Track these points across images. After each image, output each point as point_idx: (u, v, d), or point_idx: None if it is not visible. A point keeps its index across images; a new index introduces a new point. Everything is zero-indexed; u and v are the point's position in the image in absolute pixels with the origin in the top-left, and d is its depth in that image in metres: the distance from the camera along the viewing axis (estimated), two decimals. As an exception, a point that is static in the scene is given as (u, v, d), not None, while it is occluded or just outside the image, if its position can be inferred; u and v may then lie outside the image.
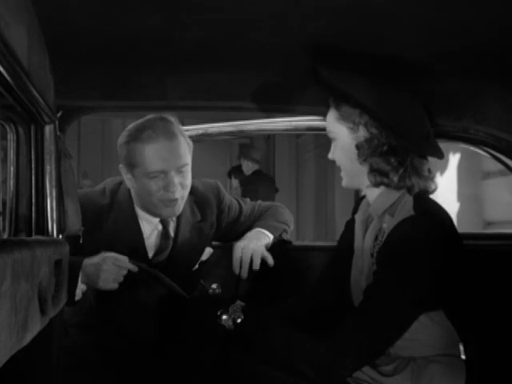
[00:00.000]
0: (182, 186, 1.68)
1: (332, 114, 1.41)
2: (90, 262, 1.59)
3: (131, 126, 1.70)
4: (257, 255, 1.75)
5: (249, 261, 1.74)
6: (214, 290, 1.72)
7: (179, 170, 1.66)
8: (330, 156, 1.46)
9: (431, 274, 1.28)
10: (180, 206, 1.71)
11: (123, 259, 1.60)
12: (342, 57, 1.32)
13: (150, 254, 1.76)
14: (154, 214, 1.75)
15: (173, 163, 1.65)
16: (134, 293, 1.70)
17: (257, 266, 1.74)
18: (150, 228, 1.77)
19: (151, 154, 1.64)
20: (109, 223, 1.72)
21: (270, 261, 1.77)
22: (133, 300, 1.71)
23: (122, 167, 1.71)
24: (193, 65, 1.45)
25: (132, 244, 1.73)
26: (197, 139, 1.81)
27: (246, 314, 1.46)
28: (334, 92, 1.38)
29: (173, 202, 1.68)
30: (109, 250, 1.67)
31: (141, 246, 1.74)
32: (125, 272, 1.60)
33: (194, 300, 1.68)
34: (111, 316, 1.73)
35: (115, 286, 1.59)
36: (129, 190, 1.77)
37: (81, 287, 1.58)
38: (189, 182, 1.70)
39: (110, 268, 1.57)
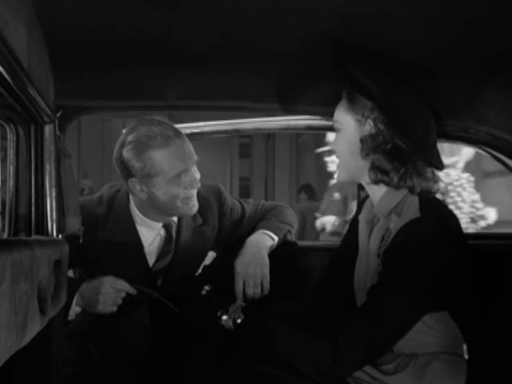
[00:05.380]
0: (197, 182, 1.69)
1: (343, 105, 1.40)
2: (88, 286, 1.59)
3: (130, 137, 1.63)
4: (257, 283, 1.70)
5: (252, 292, 1.70)
6: (207, 291, 1.71)
7: (194, 165, 1.68)
8: (331, 146, 1.45)
9: (437, 276, 1.28)
10: (196, 201, 1.71)
11: (121, 282, 1.60)
12: (350, 55, 1.32)
13: (151, 261, 1.75)
14: (167, 216, 1.73)
15: (190, 159, 1.66)
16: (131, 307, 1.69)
17: (258, 295, 1.71)
18: (152, 234, 1.75)
19: (171, 157, 1.62)
20: (106, 234, 1.70)
21: (266, 287, 1.72)
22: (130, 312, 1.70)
23: (133, 181, 1.65)
24: (193, 65, 1.45)
25: (131, 254, 1.71)
26: (192, 138, 1.80)
27: (246, 314, 1.46)
28: (352, 82, 1.37)
29: (192, 198, 1.68)
30: (107, 261, 1.67)
31: (140, 255, 1.73)
32: (123, 295, 1.60)
33: (191, 302, 1.68)
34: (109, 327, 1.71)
35: (114, 309, 1.60)
36: (127, 198, 1.75)
37: (75, 309, 1.59)
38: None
39: (108, 291, 1.57)
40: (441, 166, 1.39)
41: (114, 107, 1.69)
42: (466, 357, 1.40)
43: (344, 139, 1.40)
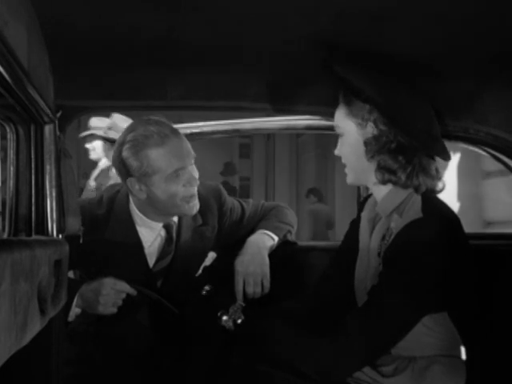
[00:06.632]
0: (196, 180, 1.69)
1: (341, 110, 1.40)
2: (88, 287, 1.59)
3: (128, 137, 1.64)
4: (257, 282, 1.71)
5: (253, 291, 1.70)
6: (207, 291, 1.71)
7: (191, 163, 1.68)
8: (337, 152, 1.45)
9: (438, 277, 1.28)
10: (197, 200, 1.71)
11: (122, 283, 1.60)
12: (351, 55, 1.32)
13: (152, 262, 1.75)
14: (168, 216, 1.73)
15: (188, 157, 1.66)
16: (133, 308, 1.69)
17: (258, 294, 1.71)
18: (153, 234, 1.75)
19: (168, 155, 1.62)
20: (106, 234, 1.70)
21: (267, 286, 1.73)
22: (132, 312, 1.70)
23: (131, 180, 1.66)
24: (193, 65, 1.45)
25: (131, 254, 1.71)
26: (192, 138, 1.80)
27: (246, 314, 1.46)
28: (346, 86, 1.37)
29: (192, 196, 1.68)
30: (107, 261, 1.67)
31: (140, 256, 1.73)
32: (123, 296, 1.60)
33: (191, 303, 1.68)
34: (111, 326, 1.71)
35: (114, 310, 1.60)
36: (127, 199, 1.74)
37: (75, 311, 1.59)
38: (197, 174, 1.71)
39: (109, 293, 1.57)
40: (447, 157, 1.38)
41: (114, 107, 1.69)
42: (464, 358, 1.40)
43: (348, 143, 1.40)
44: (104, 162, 3.70)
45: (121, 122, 3.35)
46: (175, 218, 1.77)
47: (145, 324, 1.71)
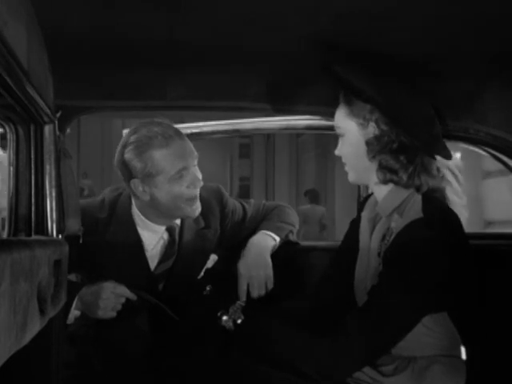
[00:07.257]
0: (199, 181, 1.69)
1: (342, 110, 1.40)
2: (88, 291, 1.59)
3: (132, 139, 1.64)
4: (261, 285, 1.70)
5: (257, 294, 1.69)
6: (207, 291, 1.71)
7: (194, 164, 1.68)
8: (337, 152, 1.44)
9: (438, 277, 1.28)
10: (199, 202, 1.70)
11: (122, 287, 1.59)
12: (350, 55, 1.32)
13: (154, 265, 1.75)
14: (170, 219, 1.73)
15: (191, 158, 1.66)
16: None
17: (262, 295, 1.70)
18: (155, 237, 1.75)
19: (171, 156, 1.62)
20: (108, 237, 1.70)
21: (270, 288, 1.72)
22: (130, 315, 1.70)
23: (135, 182, 1.65)
24: (193, 65, 1.45)
25: (132, 257, 1.71)
26: (192, 138, 1.80)
27: (246, 314, 1.45)
28: (347, 87, 1.37)
29: (195, 198, 1.68)
30: (109, 264, 1.67)
31: (142, 259, 1.72)
32: (123, 300, 1.59)
33: (192, 302, 1.68)
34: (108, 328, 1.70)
35: (113, 314, 1.59)
36: (129, 202, 1.74)
37: (74, 313, 1.58)
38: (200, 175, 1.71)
39: (108, 296, 1.57)
40: (449, 156, 1.38)
41: (114, 107, 1.69)
42: (464, 358, 1.40)
43: (349, 143, 1.40)
44: None
45: None
46: (178, 221, 1.77)
47: (144, 329, 1.71)
